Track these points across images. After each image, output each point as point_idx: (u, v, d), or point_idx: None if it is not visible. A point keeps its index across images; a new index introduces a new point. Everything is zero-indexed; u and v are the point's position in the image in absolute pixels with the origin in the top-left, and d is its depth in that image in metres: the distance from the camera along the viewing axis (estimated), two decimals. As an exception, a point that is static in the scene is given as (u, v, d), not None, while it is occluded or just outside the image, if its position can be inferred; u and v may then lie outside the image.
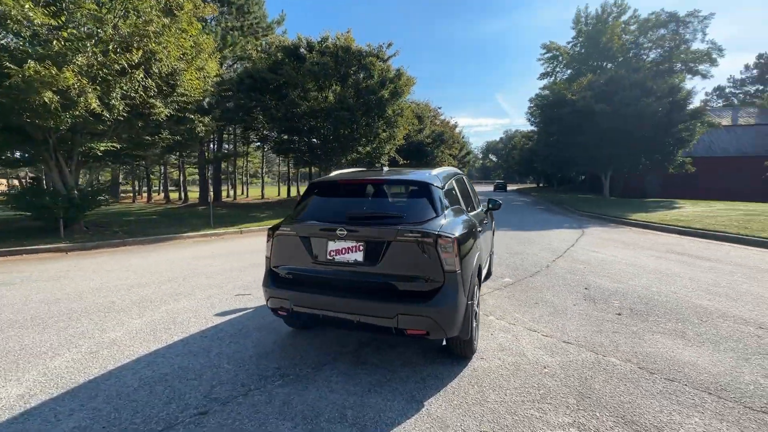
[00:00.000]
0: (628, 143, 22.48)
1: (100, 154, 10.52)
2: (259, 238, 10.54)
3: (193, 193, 38.42)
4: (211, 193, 21.16)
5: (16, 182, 35.20)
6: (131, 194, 36.02)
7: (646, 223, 12.04)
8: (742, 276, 5.80)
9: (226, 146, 27.75)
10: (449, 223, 2.86)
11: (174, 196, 35.85)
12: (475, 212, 4.12)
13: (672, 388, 2.71)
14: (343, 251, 2.83)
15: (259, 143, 21.90)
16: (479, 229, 3.68)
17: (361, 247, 2.78)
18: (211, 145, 24.77)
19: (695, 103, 25.93)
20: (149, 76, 8.88)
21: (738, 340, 3.50)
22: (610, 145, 22.93)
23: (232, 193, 34.77)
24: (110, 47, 7.92)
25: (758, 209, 13.78)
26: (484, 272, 4.35)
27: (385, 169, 3.56)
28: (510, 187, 59.59)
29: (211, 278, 5.91)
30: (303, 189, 48.69)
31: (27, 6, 7.21)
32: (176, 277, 5.96)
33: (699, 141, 26.67)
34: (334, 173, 3.66)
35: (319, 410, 2.47)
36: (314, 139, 19.61)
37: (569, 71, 39.46)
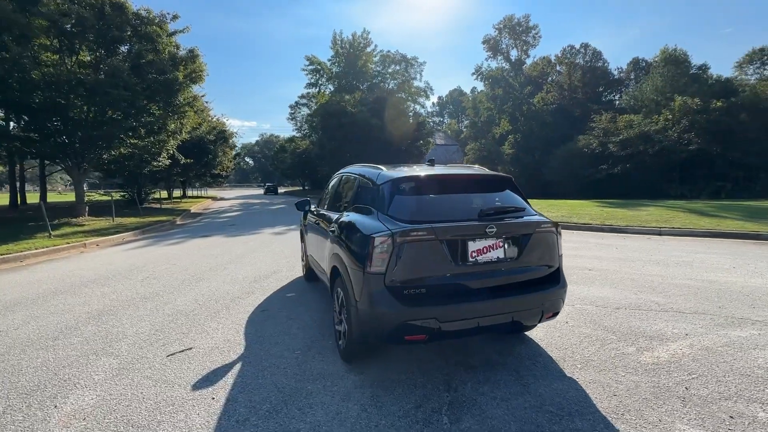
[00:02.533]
0: (395, 151, 28.05)
1: None
2: (50, 263, 6.51)
3: None
4: None
5: None
6: None
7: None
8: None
9: None
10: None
11: None
12: None
13: (629, 313, 4.14)
14: (485, 250, 2.64)
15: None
16: None
17: (501, 243, 2.70)
18: None
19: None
20: None
21: (600, 279, 5.57)
22: (381, 153, 27.82)
23: None
24: None
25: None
26: None
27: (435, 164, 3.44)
28: (281, 190, 60.23)
29: (93, 338, 3.47)
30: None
31: None
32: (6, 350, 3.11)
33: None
34: (393, 171, 3.13)
35: (530, 420, 2.30)
36: (50, 124, 13.34)
37: (331, 86, 44.31)
